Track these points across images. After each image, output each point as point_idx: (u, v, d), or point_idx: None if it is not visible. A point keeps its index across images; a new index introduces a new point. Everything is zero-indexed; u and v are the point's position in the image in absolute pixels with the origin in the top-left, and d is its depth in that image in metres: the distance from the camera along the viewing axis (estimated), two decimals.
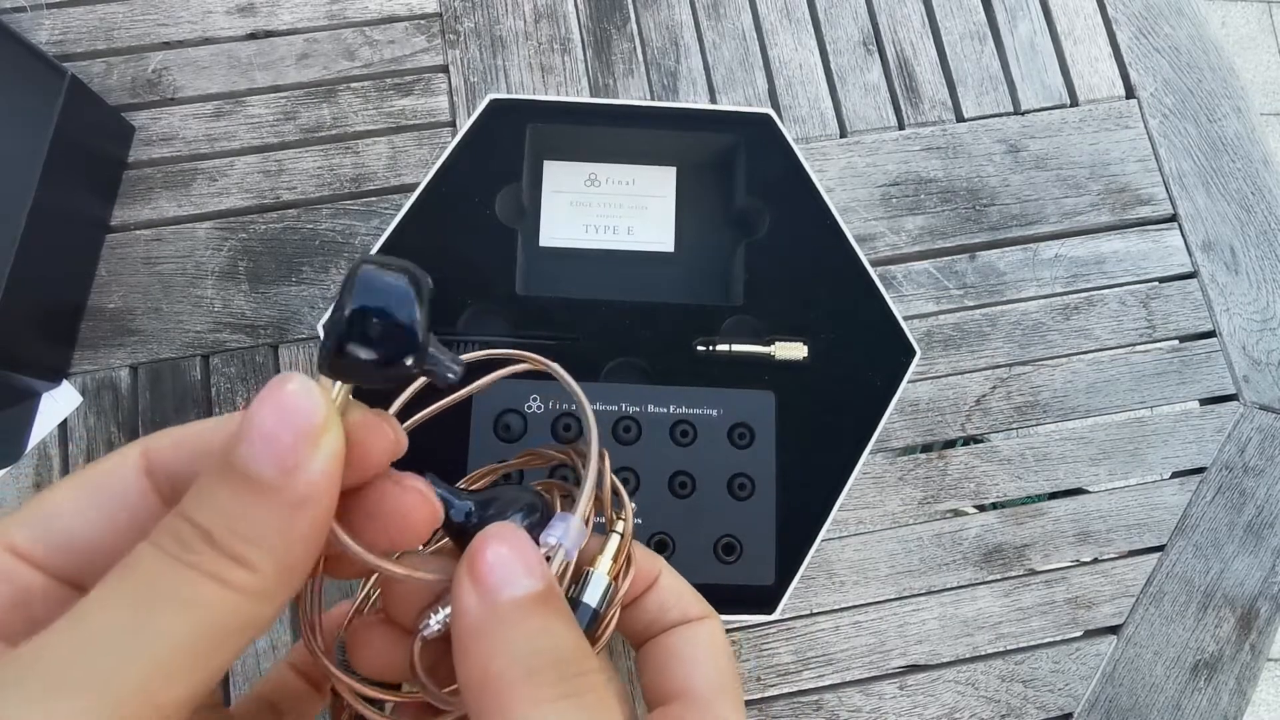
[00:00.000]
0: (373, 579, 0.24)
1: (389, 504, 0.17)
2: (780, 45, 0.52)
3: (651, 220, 0.45)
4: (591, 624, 0.20)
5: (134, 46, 0.49)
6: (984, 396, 0.47)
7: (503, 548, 0.16)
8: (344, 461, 0.15)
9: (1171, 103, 0.52)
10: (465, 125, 0.41)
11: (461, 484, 0.25)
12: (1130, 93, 0.52)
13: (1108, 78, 0.52)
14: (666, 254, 0.44)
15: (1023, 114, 0.51)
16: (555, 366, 0.21)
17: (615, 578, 0.20)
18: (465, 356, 0.20)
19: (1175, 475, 0.47)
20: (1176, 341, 0.49)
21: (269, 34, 0.50)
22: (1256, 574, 0.46)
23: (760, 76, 0.51)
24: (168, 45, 0.50)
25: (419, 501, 0.17)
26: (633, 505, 0.22)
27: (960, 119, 0.51)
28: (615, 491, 0.22)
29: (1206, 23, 0.54)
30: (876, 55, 0.52)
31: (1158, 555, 0.46)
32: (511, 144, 0.42)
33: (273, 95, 0.49)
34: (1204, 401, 0.48)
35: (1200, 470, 0.47)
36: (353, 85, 0.49)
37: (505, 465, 0.25)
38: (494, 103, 0.42)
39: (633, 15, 0.52)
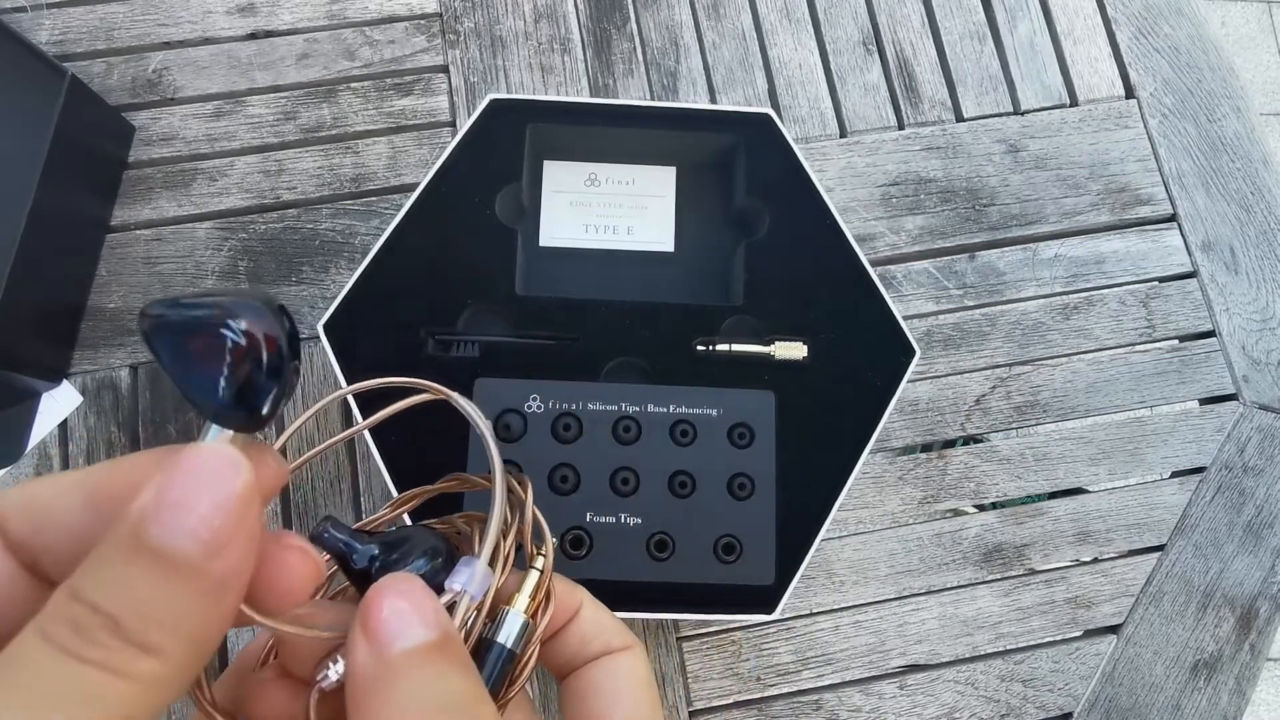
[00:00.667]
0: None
1: (270, 563, 0.16)
2: (780, 45, 0.52)
3: (651, 220, 0.45)
4: (508, 663, 0.19)
5: (134, 46, 0.49)
6: (984, 396, 0.47)
7: (398, 601, 0.16)
8: (258, 536, 0.14)
9: (1171, 103, 0.52)
10: (465, 125, 0.41)
11: (386, 510, 0.25)
12: (1130, 93, 0.52)
13: (1107, 78, 0.52)
14: (666, 254, 0.45)
15: (1022, 114, 0.51)
16: (455, 395, 0.21)
17: (533, 615, 0.20)
18: (362, 385, 0.20)
19: (1175, 475, 0.47)
20: (1176, 341, 0.49)
21: (269, 34, 0.50)
22: (1256, 574, 0.46)
23: (760, 76, 0.51)
24: (168, 45, 0.50)
25: (300, 560, 0.16)
26: (553, 540, 0.22)
27: (960, 119, 0.51)
28: (537, 524, 0.21)
29: (1206, 23, 0.54)
30: (876, 55, 0.52)
31: (1157, 555, 0.46)
32: (511, 144, 0.42)
33: (273, 95, 0.49)
34: (1204, 401, 0.48)
35: (1200, 470, 0.47)
36: (353, 85, 0.50)
37: (428, 490, 0.25)
38: (494, 103, 0.42)
39: (632, 15, 0.52)
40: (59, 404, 0.44)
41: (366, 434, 0.37)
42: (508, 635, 0.19)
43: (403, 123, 0.49)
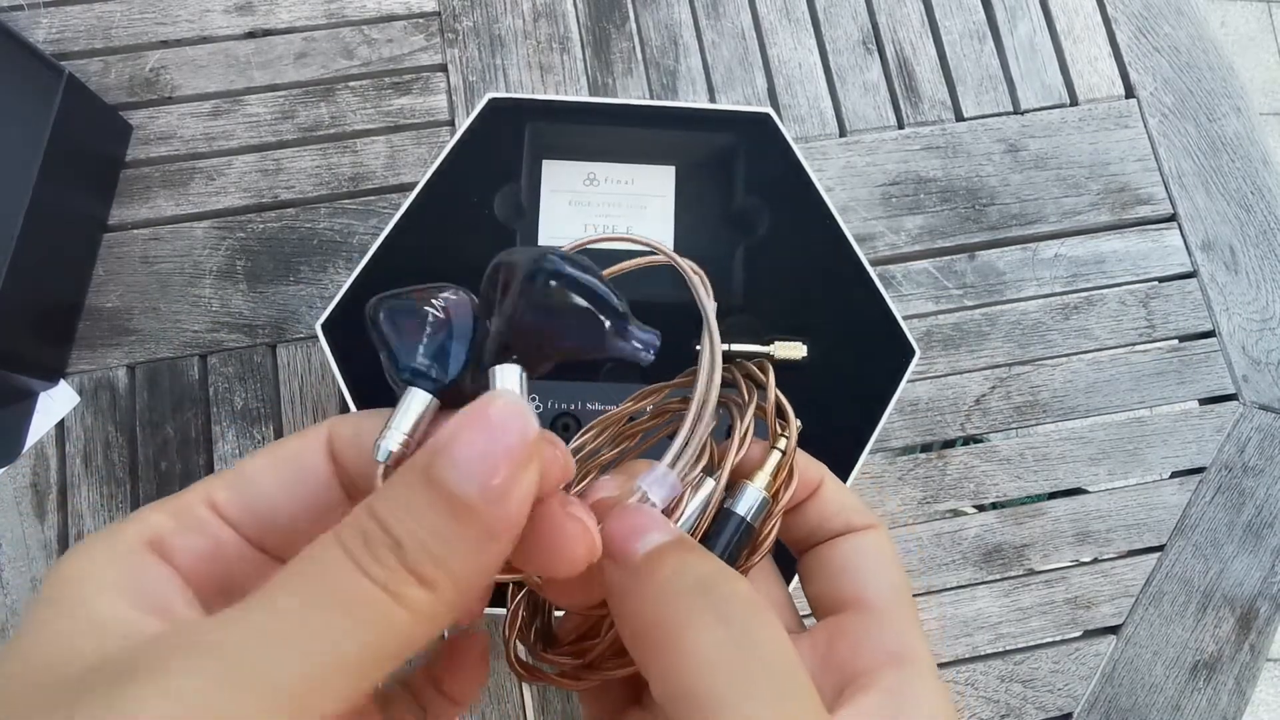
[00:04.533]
0: None
1: (551, 531, 0.16)
2: (780, 44, 0.52)
3: (650, 220, 0.45)
4: (746, 534, 0.20)
5: (132, 45, 0.49)
6: (983, 396, 0.47)
7: (634, 519, 0.17)
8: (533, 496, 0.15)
9: (1171, 102, 0.52)
10: (464, 124, 0.41)
11: (628, 402, 0.25)
12: (1130, 92, 0.52)
13: (1107, 77, 0.52)
14: None
15: (1022, 113, 0.51)
16: (676, 258, 0.22)
17: (774, 493, 0.20)
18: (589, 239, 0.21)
19: (1175, 475, 0.47)
20: (1176, 341, 0.49)
21: (267, 33, 0.50)
22: (1256, 574, 0.46)
23: (760, 76, 0.51)
24: (165, 44, 0.49)
25: (580, 532, 0.16)
26: (798, 423, 0.22)
27: (960, 118, 0.51)
28: (781, 406, 0.22)
29: (1206, 22, 0.54)
30: (876, 55, 0.52)
31: (1157, 555, 0.46)
32: (510, 143, 0.42)
33: (271, 94, 0.49)
34: (1203, 401, 0.48)
35: (1200, 470, 0.47)
36: (351, 84, 0.49)
37: (668, 385, 0.25)
38: (493, 102, 0.41)
39: (632, 14, 0.52)
40: (56, 404, 0.44)
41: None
42: (747, 508, 0.20)
43: (401, 122, 0.49)
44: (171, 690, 0.12)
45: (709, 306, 0.21)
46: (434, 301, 0.17)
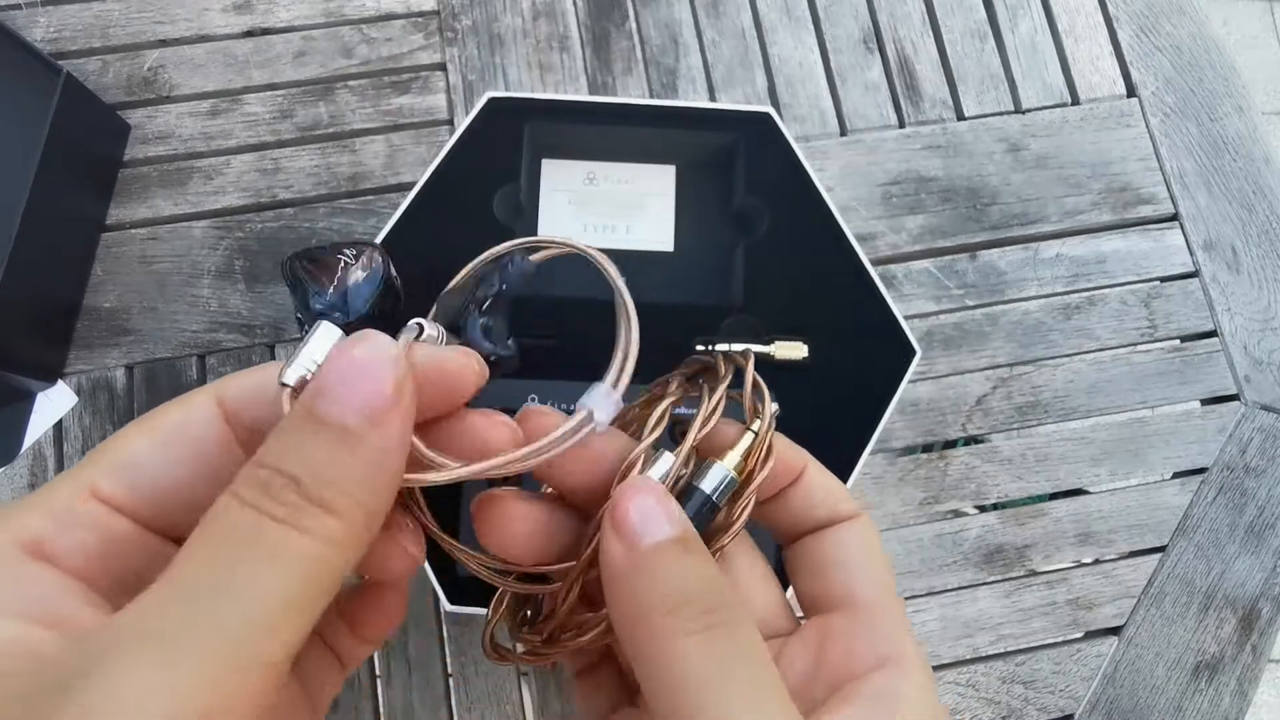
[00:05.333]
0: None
1: (474, 435, 0.18)
2: (780, 43, 0.51)
3: (650, 219, 0.45)
4: (711, 512, 0.20)
5: (130, 44, 0.49)
6: (985, 396, 0.47)
7: (645, 499, 0.17)
8: (415, 403, 0.16)
9: (1173, 101, 0.52)
10: (463, 124, 0.41)
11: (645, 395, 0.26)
12: (1131, 91, 0.52)
13: (1109, 76, 0.52)
14: (666, 253, 0.44)
15: (1023, 113, 0.51)
16: (584, 246, 0.22)
17: (746, 475, 0.20)
18: (504, 246, 0.23)
19: (1176, 475, 0.47)
20: (1178, 341, 0.48)
21: (266, 31, 0.50)
22: (1258, 575, 0.45)
23: (760, 75, 0.51)
24: (164, 43, 0.49)
25: (507, 435, 0.19)
26: (775, 406, 0.21)
27: (961, 117, 0.51)
28: (757, 389, 0.22)
29: (1208, 21, 0.53)
30: (877, 53, 0.52)
31: (1159, 556, 0.46)
32: (510, 142, 0.42)
33: (269, 93, 0.49)
34: (1205, 401, 0.48)
35: (1201, 470, 0.47)
36: (350, 83, 0.49)
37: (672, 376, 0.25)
38: (492, 101, 0.41)
39: (632, 13, 0.51)
40: (54, 404, 0.44)
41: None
42: (712, 487, 0.20)
43: (400, 121, 0.49)
44: (121, 689, 0.12)
45: (611, 270, 0.22)
46: (345, 250, 0.18)
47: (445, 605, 0.38)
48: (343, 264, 0.18)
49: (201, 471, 0.17)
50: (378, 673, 0.42)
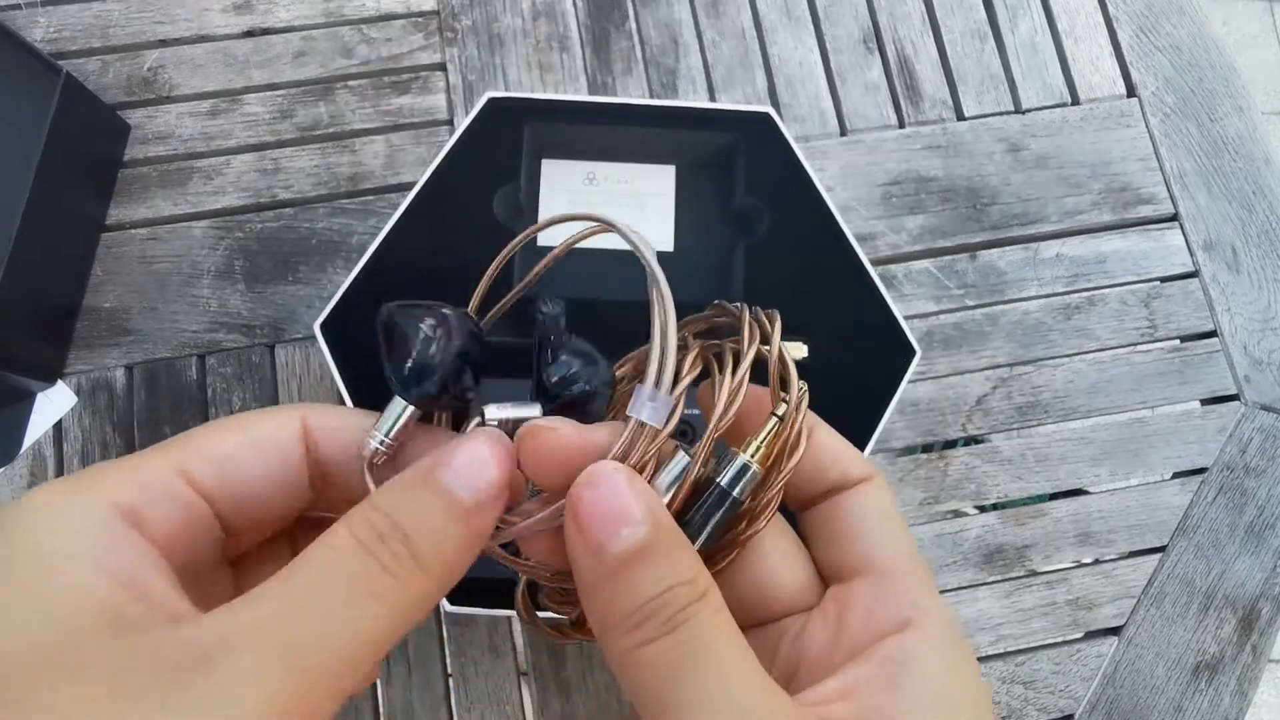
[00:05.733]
0: None
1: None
2: (780, 43, 0.51)
3: (650, 219, 0.45)
4: (732, 507, 0.19)
5: (129, 44, 0.49)
6: (985, 396, 0.47)
7: (604, 498, 0.17)
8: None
9: (1173, 101, 0.52)
10: (463, 124, 0.41)
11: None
12: (1131, 91, 0.52)
13: (1109, 76, 0.52)
14: (665, 253, 0.44)
15: (1023, 113, 0.51)
16: (619, 223, 0.21)
17: (769, 465, 0.19)
18: (542, 224, 0.22)
19: (1176, 476, 0.47)
20: (1178, 341, 0.48)
21: (265, 31, 0.50)
22: (1258, 575, 0.45)
23: (760, 75, 0.51)
24: (164, 43, 0.49)
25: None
26: (803, 385, 0.20)
27: (961, 118, 0.51)
28: (783, 367, 0.20)
29: (1208, 21, 0.53)
30: (877, 53, 0.52)
31: (1159, 556, 0.46)
32: (509, 143, 0.42)
33: (269, 93, 0.49)
34: (1205, 401, 0.48)
35: (1201, 471, 0.47)
36: (350, 83, 0.49)
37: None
38: (492, 101, 0.41)
39: (631, 13, 0.51)
40: (54, 404, 0.44)
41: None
42: (729, 478, 0.19)
43: (400, 121, 0.49)
44: (234, 687, 0.13)
45: (644, 249, 0.21)
46: (427, 320, 0.19)
47: (445, 605, 0.38)
48: (423, 336, 0.18)
49: (278, 479, 0.18)
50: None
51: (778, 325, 0.21)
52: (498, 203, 0.41)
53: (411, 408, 0.19)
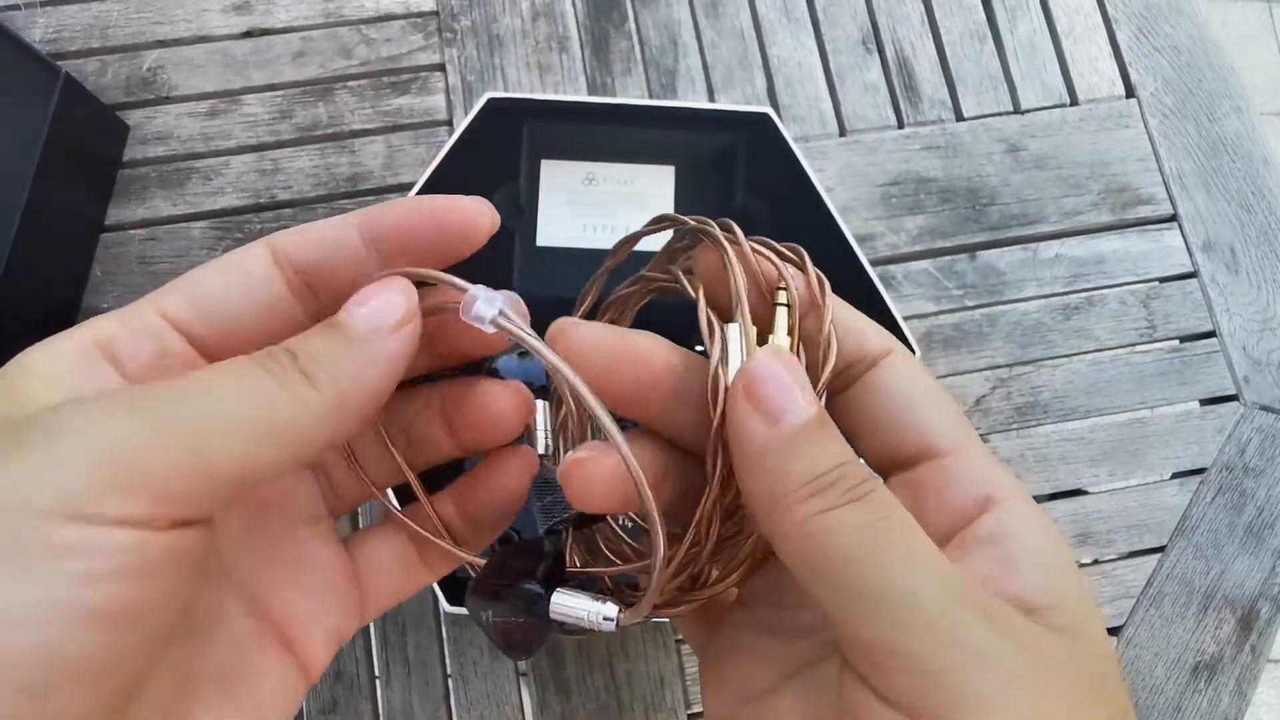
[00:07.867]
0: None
1: (487, 401, 0.21)
2: (779, 44, 0.51)
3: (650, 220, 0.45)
4: None
5: (129, 45, 0.49)
6: (984, 397, 0.47)
7: (782, 377, 0.17)
8: (416, 346, 0.18)
9: (1171, 102, 0.52)
10: (462, 124, 0.41)
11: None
12: (1130, 92, 0.52)
13: (1108, 77, 0.52)
14: None
15: (1022, 113, 0.51)
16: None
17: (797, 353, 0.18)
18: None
19: (1175, 476, 0.47)
20: (1177, 342, 0.48)
21: (265, 32, 0.50)
22: (1257, 575, 0.46)
23: (759, 75, 0.51)
24: (163, 43, 0.49)
25: (510, 403, 0.21)
26: (818, 274, 0.20)
27: (960, 118, 0.51)
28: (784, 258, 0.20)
29: (1207, 22, 0.53)
30: (876, 54, 0.52)
31: (1158, 556, 0.46)
32: (509, 143, 0.42)
33: (268, 94, 0.49)
34: (1204, 402, 0.48)
35: (1200, 471, 0.47)
36: (349, 84, 0.49)
37: (639, 235, 0.23)
38: (491, 101, 0.41)
39: (631, 14, 0.51)
40: None
41: None
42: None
43: (399, 121, 0.49)
44: (92, 419, 0.14)
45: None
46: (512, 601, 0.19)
47: (445, 606, 0.38)
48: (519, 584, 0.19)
49: (255, 302, 0.19)
50: (377, 673, 0.42)
51: (739, 233, 0.20)
52: (497, 203, 0.41)
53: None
